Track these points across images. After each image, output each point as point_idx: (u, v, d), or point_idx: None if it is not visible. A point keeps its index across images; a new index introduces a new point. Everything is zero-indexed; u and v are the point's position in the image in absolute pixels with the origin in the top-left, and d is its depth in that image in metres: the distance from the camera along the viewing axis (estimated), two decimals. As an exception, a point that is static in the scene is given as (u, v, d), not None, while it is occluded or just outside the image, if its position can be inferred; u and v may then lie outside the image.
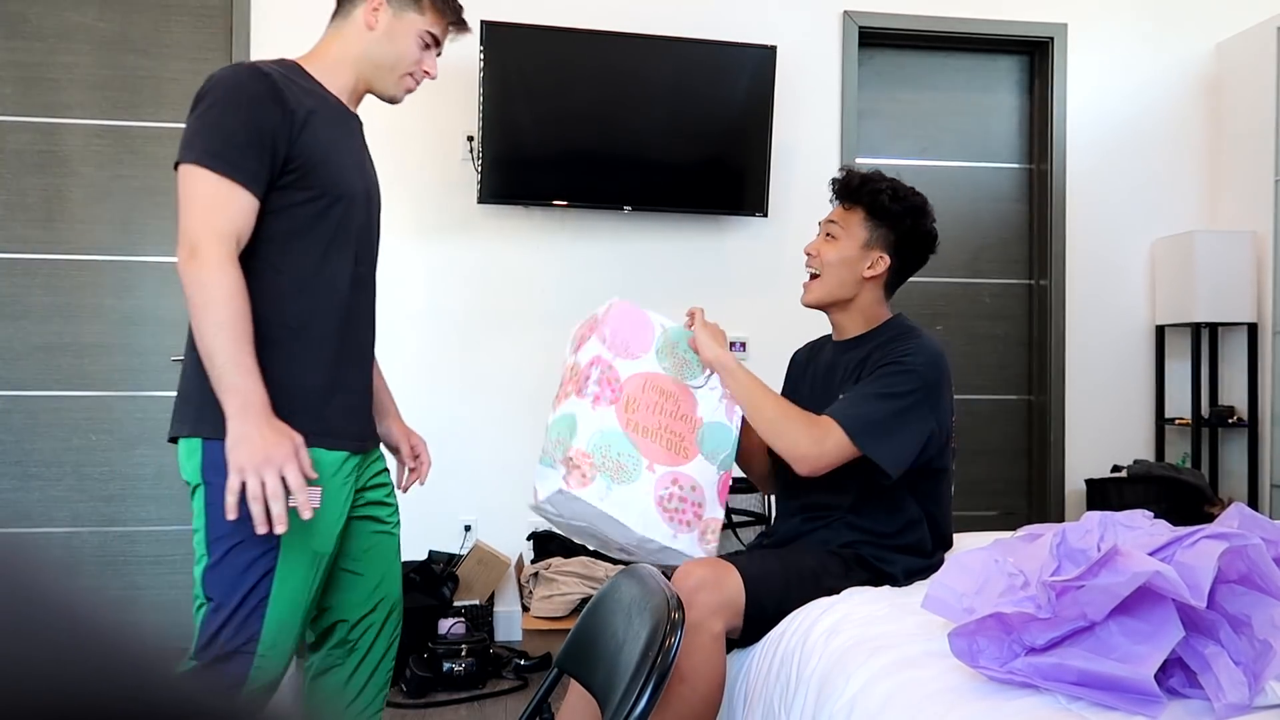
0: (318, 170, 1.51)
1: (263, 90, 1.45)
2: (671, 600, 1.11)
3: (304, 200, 1.50)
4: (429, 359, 3.49)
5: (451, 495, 3.47)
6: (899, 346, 1.83)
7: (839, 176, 1.99)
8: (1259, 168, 3.75)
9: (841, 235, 1.92)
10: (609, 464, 1.71)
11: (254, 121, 1.43)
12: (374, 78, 1.65)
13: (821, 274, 1.93)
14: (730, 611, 1.68)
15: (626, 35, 3.43)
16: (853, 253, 1.91)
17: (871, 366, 1.84)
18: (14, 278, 3.34)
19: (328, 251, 1.54)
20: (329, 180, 1.53)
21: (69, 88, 3.37)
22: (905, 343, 1.84)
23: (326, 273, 1.54)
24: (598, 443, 1.72)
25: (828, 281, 1.93)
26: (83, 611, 0.24)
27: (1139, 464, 3.76)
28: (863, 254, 1.91)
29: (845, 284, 1.92)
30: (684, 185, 3.53)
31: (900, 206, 1.92)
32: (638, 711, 1.00)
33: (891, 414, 1.76)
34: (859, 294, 1.93)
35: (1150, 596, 1.20)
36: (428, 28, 1.64)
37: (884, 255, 1.92)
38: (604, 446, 1.72)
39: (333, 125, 1.57)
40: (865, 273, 1.92)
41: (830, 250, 1.92)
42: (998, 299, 3.99)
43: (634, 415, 1.76)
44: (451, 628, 2.94)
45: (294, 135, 1.47)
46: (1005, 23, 3.84)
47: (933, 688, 1.32)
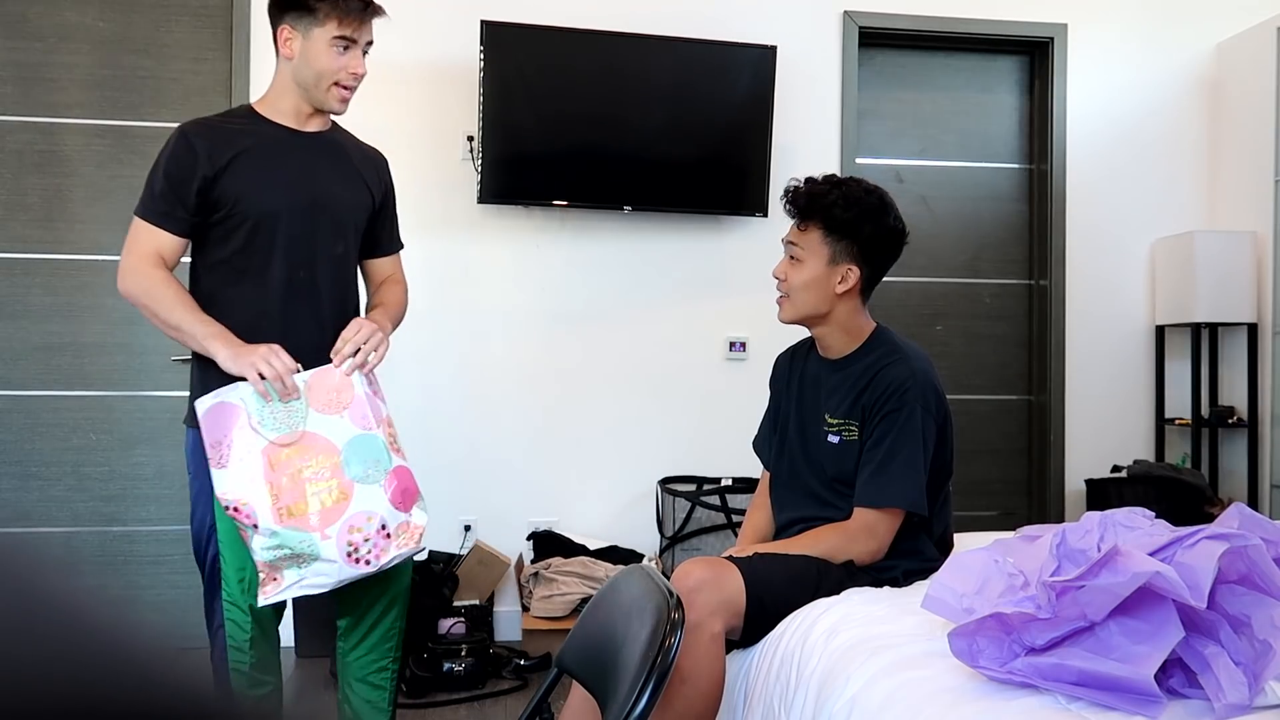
0: (240, 201, 1.77)
1: (180, 149, 1.77)
2: (671, 600, 1.11)
3: (230, 230, 1.79)
4: (429, 359, 3.49)
5: (451, 495, 3.47)
6: (886, 377, 1.82)
7: (786, 193, 1.93)
8: (1259, 168, 3.75)
9: (804, 256, 1.87)
10: (288, 559, 1.68)
11: (170, 174, 1.76)
12: (309, 98, 1.83)
13: (790, 296, 1.89)
14: (730, 612, 1.68)
15: (626, 35, 3.43)
16: (819, 272, 1.86)
17: (868, 410, 1.84)
18: (14, 278, 3.33)
19: (248, 270, 1.80)
20: (251, 207, 1.78)
21: (69, 88, 3.37)
22: (894, 370, 1.82)
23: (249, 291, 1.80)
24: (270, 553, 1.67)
25: (798, 303, 1.89)
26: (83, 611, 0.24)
27: (1139, 464, 3.76)
28: (830, 271, 1.86)
29: (816, 303, 1.88)
30: (684, 185, 3.52)
31: (855, 213, 1.85)
32: (638, 711, 1.00)
33: (907, 463, 1.78)
34: (834, 309, 1.89)
35: (1150, 597, 1.20)
36: (334, 33, 1.76)
37: (852, 267, 1.87)
38: (275, 549, 1.67)
39: (269, 155, 1.81)
40: (837, 289, 1.87)
41: (796, 273, 1.88)
42: (998, 299, 3.99)
43: (281, 505, 1.67)
44: (451, 628, 2.94)
45: (212, 177, 1.76)
46: (1005, 23, 3.84)
47: (933, 688, 1.32)
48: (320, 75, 1.79)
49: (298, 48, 1.78)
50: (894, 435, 1.79)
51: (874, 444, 1.82)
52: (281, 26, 1.80)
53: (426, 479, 3.46)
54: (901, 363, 1.83)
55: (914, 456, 1.79)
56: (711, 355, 3.64)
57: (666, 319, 3.62)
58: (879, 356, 1.86)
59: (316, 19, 1.75)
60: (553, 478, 3.55)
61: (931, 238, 3.90)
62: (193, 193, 1.75)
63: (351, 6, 1.77)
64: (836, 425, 1.89)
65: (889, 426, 1.80)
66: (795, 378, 2.04)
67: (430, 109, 3.45)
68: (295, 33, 1.78)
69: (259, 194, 1.79)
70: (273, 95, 1.85)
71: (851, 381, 1.88)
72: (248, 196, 1.78)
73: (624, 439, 3.58)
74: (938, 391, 1.85)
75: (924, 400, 1.81)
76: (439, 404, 3.48)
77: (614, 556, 3.33)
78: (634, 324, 3.60)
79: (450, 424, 3.49)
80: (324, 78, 1.79)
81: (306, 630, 3.19)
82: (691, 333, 3.63)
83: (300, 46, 1.78)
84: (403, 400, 3.50)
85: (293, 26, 1.78)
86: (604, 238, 3.59)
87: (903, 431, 1.79)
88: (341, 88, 1.82)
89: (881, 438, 1.80)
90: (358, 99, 1.87)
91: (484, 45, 3.27)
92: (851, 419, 1.86)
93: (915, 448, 1.79)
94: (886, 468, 1.79)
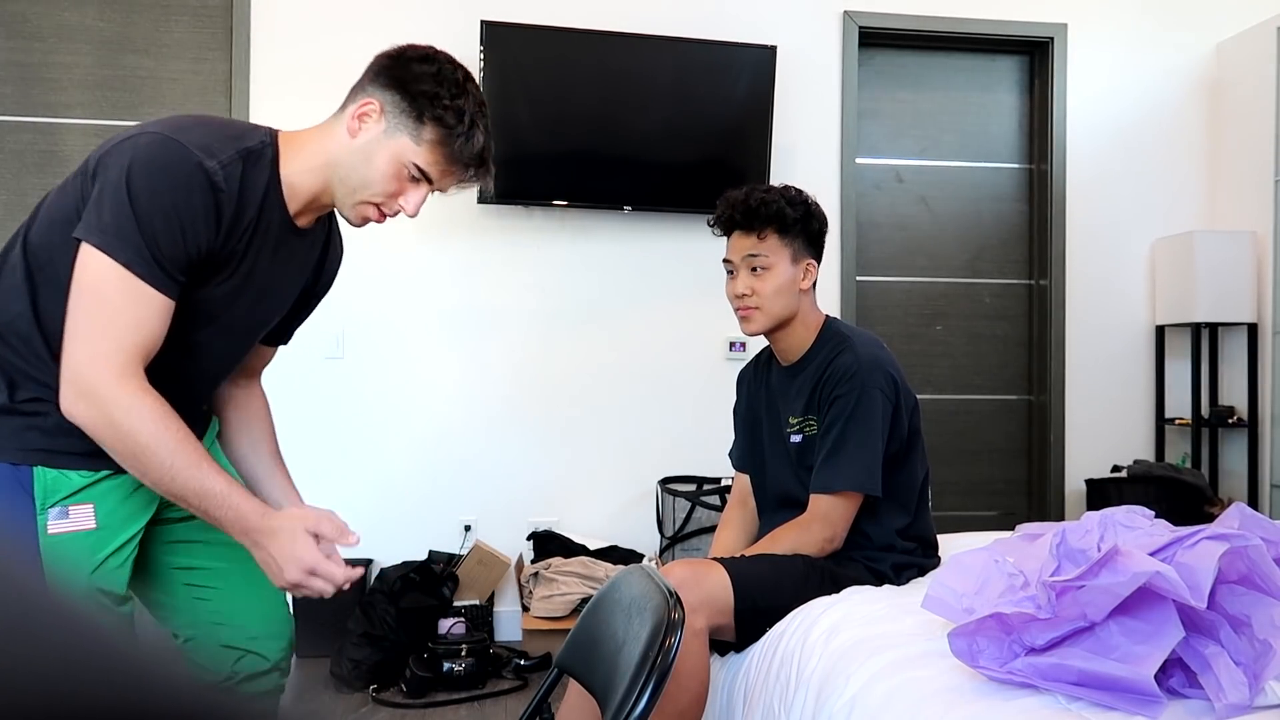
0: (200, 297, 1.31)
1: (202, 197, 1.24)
2: (671, 600, 1.11)
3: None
4: (429, 359, 3.49)
5: (451, 495, 3.47)
6: (837, 366, 1.86)
7: (729, 205, 1.95)
8: (1259, 168, 3.75)
9: (770, 263, 1.91)
10: None
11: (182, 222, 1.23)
12: (334, 194, 1.37)
13: (762, 307, 1.91)
14: (713, 609, 1.70)
15: (626, 35, 3.43)
16: (788, 274, 1.91)
17: (821, 401, 1.88)
18: (14, 278, 3.34)
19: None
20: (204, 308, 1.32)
21: (69, 88, 3.37)
22: (842, 358, 1.86)
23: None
24: None
25: (772, 311, 1.91)
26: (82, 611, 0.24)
27: (1139, 464, 3.76)
28: (795, 269, 1.92)
29: (788, 306, 1.92)
30: (684, 185, 3.52)
31: (802, 210, 1.93)
32: (638, 711, 1.00)
33: (859, 446, 1.81)
34: (800, 306, 1.94)
35: (1150, 597, 1.20)
36: (422, 157, 1.32)
37: (811, 261, 1.95)
38: None
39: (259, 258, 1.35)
40: (802, 286, 1.94)
41: (765, 283, 1.91)
42: (998, 299, 3.99)
43: None
44: (451, 628, 2.94)
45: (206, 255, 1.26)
46: (1005, 23, 3.84)
47: (933, 688, 1.32)
48: (368, 184, 1.33)
49: (370, 135, 1.32)
50: (844, 420, 1.83)
51: (825, 431, 1.85)
52: (368, 98, 1.33)
53: (427, 479, 3.48)
54: (849, 350, 1.87)
55: (866, 439, 1.81)
56: (711, 355, 3.64)
57: (666, 319, 3.62)
58: (830, 349, 1.91)
59: (416, 124, 1.31)
60: (553, 478, 3.55)
61: (931, 238, 3.90)
62: (190, 258, 1.24)
63: (465, 152, 1.33)
64: (797, 424, 1.93)
65: (839, 411, 1.83)
66: (761, 388, 2.08)
67: (430, 109, 3.45)
68: (381, 118, 1.32)
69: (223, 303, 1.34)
70: (300, 161, 1.35)
71: (808, 380, 1.92)
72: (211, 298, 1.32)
73: (624, 439, 3.58)
74: (887, 372, 1.87)
75: (875, 381, 1.84)
76: (439, 404, 3.48)
77: (614, 556, 3.33)
78: (634, 324, 3.60)
79: (450, 424, 3.49)
80: (369, 189, 1.34)
81: (306, 630, 3.18)
82: (691, 333, 3.63)
83: (373, 136, 1.32)
84: (403, 400, 3.51)
85: (383, 108, 1.32)
86: (604, 238, 3.59)
87: (853, 416, 1.82)
88: (378, 212, 1.37)
89: (831, 424, 1.84)
90: None
91: (484, 45, 3.27)
92: (810, 415, 1.91)
93: (866, 430, 1.82)
94: (838, 453, 1.82)
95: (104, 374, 1.17)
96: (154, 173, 1.20)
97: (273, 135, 1.35)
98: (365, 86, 1.35)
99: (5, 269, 1.28)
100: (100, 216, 1.18)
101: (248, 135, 1.31)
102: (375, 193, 1.34)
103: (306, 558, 1.26)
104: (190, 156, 1.21)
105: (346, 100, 1.37)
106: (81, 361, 1.17)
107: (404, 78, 1.32)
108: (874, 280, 3.86)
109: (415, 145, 1.32)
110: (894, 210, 3.87)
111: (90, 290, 1.18)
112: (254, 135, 1.32)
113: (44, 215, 1.27)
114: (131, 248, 1.18)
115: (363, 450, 3.43)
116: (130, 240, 1.18)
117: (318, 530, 1.29)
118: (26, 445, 1.22)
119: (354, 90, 1.37)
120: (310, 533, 1.28)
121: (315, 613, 3.18)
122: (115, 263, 1.18)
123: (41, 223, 1.27)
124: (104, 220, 1.18)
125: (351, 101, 1.36)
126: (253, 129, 1.34)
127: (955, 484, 3.92)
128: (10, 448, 1.22)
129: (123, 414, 1.17)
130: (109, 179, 1.20)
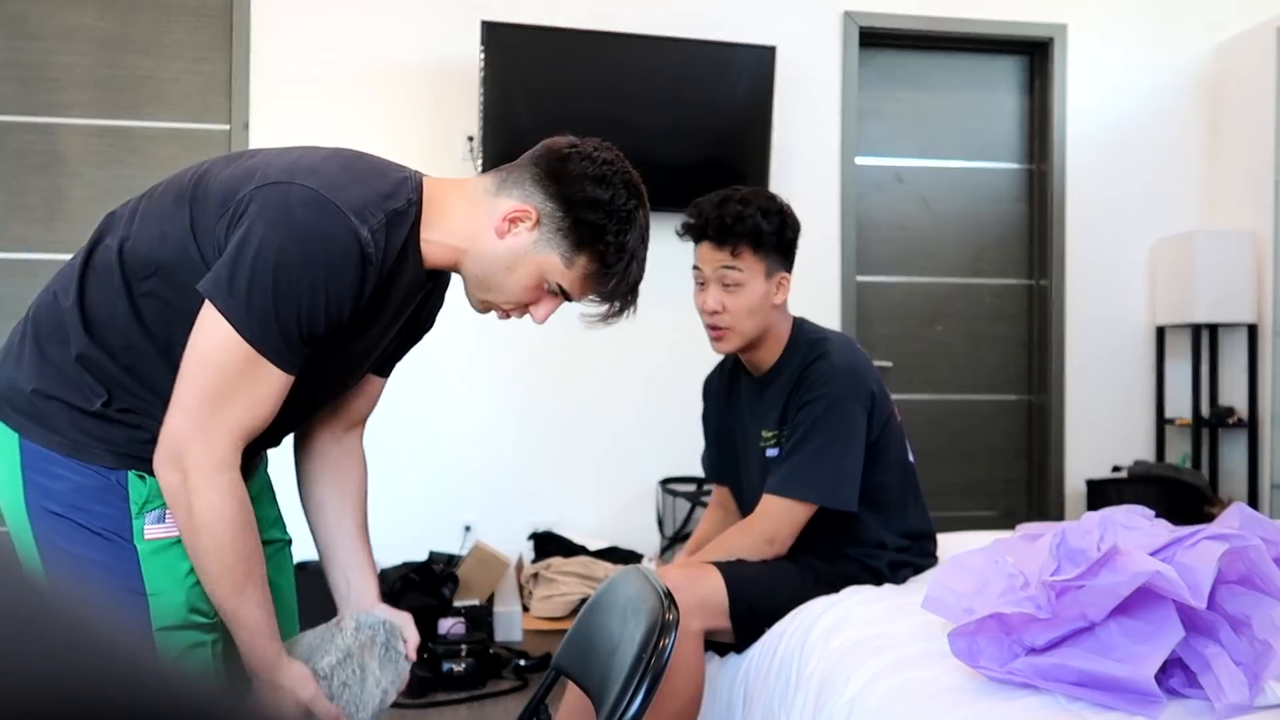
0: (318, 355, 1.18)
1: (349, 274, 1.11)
2: (666, 602, 1.12)
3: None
4: (428, 360, 3.49)
5: (451, 495, 3.47)
6: (811, 375, 1.80)
7: (702, 215, 1.83)
8: (1259, 168, 3.74)
9: (744, 279, 1.80)
10: None
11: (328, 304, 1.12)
12: (467, 281, 1.25)
13: (734, 327, 1.82)
14: (708, 611, 1.69)
15: (627, 35, 3.43)
16: (761, 290, 1.81)
17: (794, 406, 1.81)
18: (14, 278, 3.34)
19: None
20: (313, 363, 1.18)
21: (69, 88, 3.37)
22: (816, 366, 1.80)
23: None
24: None
25: (744, 330, 1.82)
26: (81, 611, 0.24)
27: (1139, 464, 3.76)
28: (768, 285, 1.82)
29: (761, 323, 1.84)
30: (684, 185, 3.51)
31: (777, 223, 1.82)
32: (632, 712, 1.00)
33: (823, 455, 1.75)
34: (771, 322, 1.86)
35: (1150, 597, 1.20)
36: (563, 283, 1.21)
37: (785, 274, 1.86)
38: None
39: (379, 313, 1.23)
40: (775, 301, 1.84)
41: (737, 300, 1.80)
42: (998, 299, 3.99)
43: None
44: (451, 628, 2.94)
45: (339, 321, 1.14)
46: (1005, 23, 3.84)
47: (933, 688, 1.32)
48: (503, 291, 1.22)
49: (519, 243, 1.19)
50: (809, 427, 1.77)
51: (790, 435, 1.80)
52: (526, 205, 1.19)
53: (427, 479, 3.48)
54: (824, 359, 1.81)
55: (833, 451, 1.76)
56: (712, 355, 3.62)
57: (666, 319, 3.62)
58: (802, 357, 1.84)
59: (573, 249, 1.19)
60: (553, 478, 3.55)
61: (931, 238, 3.89)
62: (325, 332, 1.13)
63: (617, 290, 1.25)
64: (771, 438, 1.87)
65: (807, 417, 1.78)
66: (727, 399, 2.04)
67: (431, 109, 3.45)
68: (535, 229, 1.19)
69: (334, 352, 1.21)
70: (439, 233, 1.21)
71: (780, 392, 1.86)
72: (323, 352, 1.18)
73: (624, 439, 3.58)
74: (864, 384, 1.82)
75: (852, 393, 1.79)
76: (439, 404, 3.48)
77: (614, 557, 3.32)
78: (634, 324, 3.58)
79: (450, 424, 3.49)
80: (503, 296, 1.23)
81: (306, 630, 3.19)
82: (692, 333, 3.60)
83: (522, 244, 1.19)
84: (403, 400, 3.50)
85: (539, 219, 1.19)
86: (604, 238, 3.58)
87: (822, 425, 1.76)
88: (501, 313, 1.27)
89: (797, 428, 1.79)
90: (358, 100, 1.82)
91: (484, 45, 3.27)
92: (783, 427, 1.85)
93: (837, 442, 1.76)
94: (799, 458, 1.77)
95: (202, 459, 1.09)
96: (308, 241, 1.07)
97: (418, 192, 1.20)
98: (525, 184, 1.21)
99: (92, 273, 1.20)
100: (234, 279, 1.06)
101: (396, 193, 1.17)
102: (508, 300, 1.24)
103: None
104: (349, 226, 1.09)
105: (503, 179, 1.23)
106: (184, 437, 1.09)
107: (571, 197, 1.19)
108: (874, 280, 3.86)
109: (565, 269, 1.20)
110: (894, 210, 3.87)
111: (207, 362, 1.08)
112: (400, 193, 1.17)
113: (151, 228, 1.17)
114: (260, 323, 1.07)
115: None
116: (261, 315, 1.06)
117: (312, 707, 1.22)
118: (119, 450, 1.18)
119: (515, 175, 1.23)
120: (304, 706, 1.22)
121: (316, 613, 3.18)
122: (241, 339, 1.07)
123: (149, 236, 1.16)
124: (237, 285, 1.06)
125: (508, 192, 1.21)
126: (399, 181, 1.19)
127: (955, 484, 3.91)
128: (105, 452, 1.18)
129: (200, 508, 1.11)
130: (253, 236, 1.07)
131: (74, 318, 1.17)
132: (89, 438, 1.17)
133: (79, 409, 1.16)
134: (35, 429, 1.16)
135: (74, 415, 1.16)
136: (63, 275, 1.24)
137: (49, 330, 1.20)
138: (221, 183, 1.14)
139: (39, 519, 1.15)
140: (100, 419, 1.17)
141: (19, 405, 1.18)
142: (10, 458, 1.17)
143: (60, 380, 1.17)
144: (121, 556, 1.16)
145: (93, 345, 1.17)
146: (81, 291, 1.18)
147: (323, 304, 1.10)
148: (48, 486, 1.16)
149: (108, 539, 1.16)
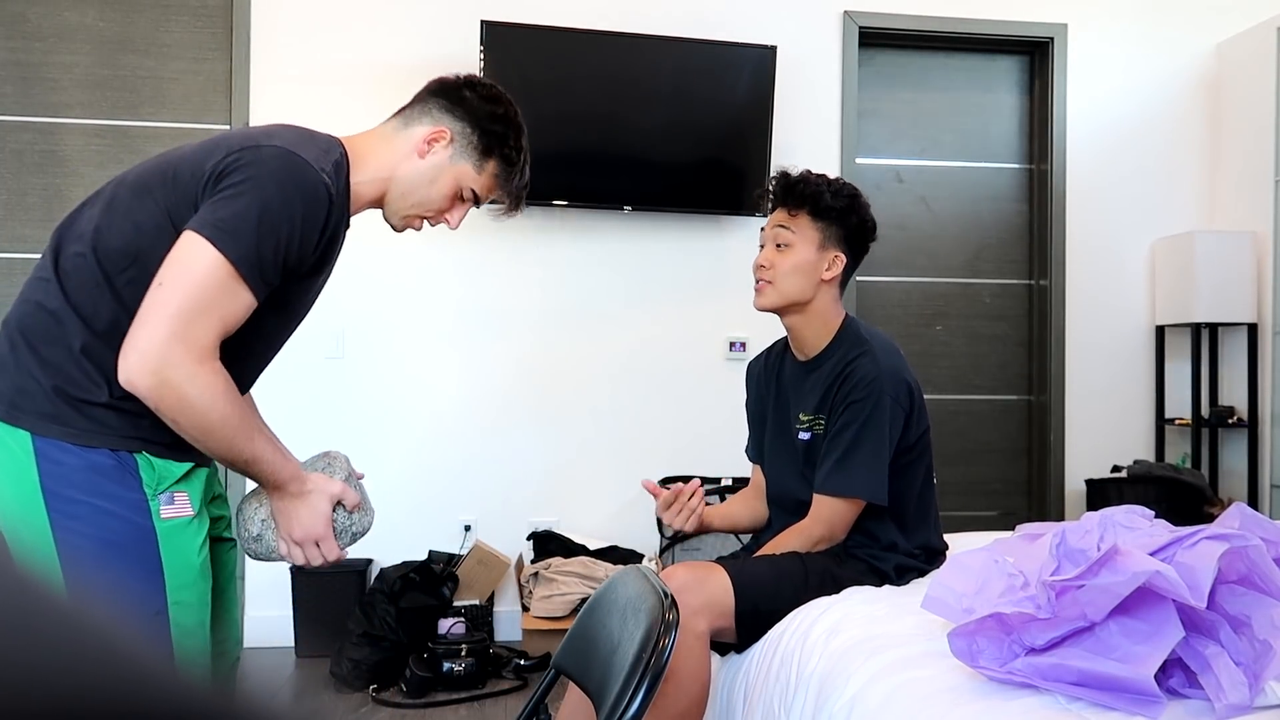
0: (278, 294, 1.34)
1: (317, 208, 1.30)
2: (666, 601, 1.11)
3: None
4: (429, 359, 3.49)
5: (451, 495, 3.47)
6: (855, 371, 1.84)
7: (776, 180, 1.95)
8: (1259, 168, 3.75)
9: (795, 240, 1.89)
10: None
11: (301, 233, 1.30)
12: (384, 201, 1.48)
13: (775, 282, 1.89)
14: (714, 612, 1.70)
15: (626, 35, 3.43)
16: (810, 257, 1.89)
17: (835, 403, 1.86)
18: (14, 278, 3.34)
19: None
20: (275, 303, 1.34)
21: (69, 88, 3.37)
22: (860, 363, 1.84)
23: None
24: None
25: (783, 287, 1.88)
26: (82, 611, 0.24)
27: (1139, 464, 3.76)
28: (820, 256, 1.89)
29: (803, 289, 1.89)
30: (684, 185, 3.52)
31: (843, 202, 1.90)
32: (631, 711, 1.00)
33: (872, 454, 1.80)
34: (816, 296, 1.91)
35: (1150, 596, 1.20)
36: (474, 187, 1.49)
37: (839, 254, 1.91)
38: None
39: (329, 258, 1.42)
40: (824, 275, 1.90)
41: (785, 259, 1.88)
42: (998, 299, 3.99)
43: None
44: (451, 628, 2.94)
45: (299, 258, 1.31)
46: (1005, 23, 3.84)
47: (933, 688, 1.32)
48: (426, 202, 1.48)
49: (437, 159, 1.45)
50: (858, 425, 1.81)
51: (838, 433, 1.83)
52: (441, 127, 1.45)
53: (427, 479, 3.48)
54: (869, 356, 1.85)
55: (878, 448, 1.81)
56: (711, 355, 3.64)
57: (666, 319, 3.62)
58: (848, 350, 1.89)
59: (482, 157, 1.47)
60: (553, 478, 3.55)
61: (931, 238, 3.89)
62: (292, 265, 1.31)
63: (517, 186, 1.52)
64: (807, 422, 1.91)
65: (853, 416, 1.81)
66: (772, 380, 2.06)
67: (430, 109, 3.45)
68: (449, 146, 1.45)
69: (295, 295, 1.40)
70: (366, 172, 1.43)
71: (823, 379, 1.90)
72: (287, 291, 1.36)
73: (624, 439, 3.58)
74: (906, 382, 1.87)
75: (892, 392, 1.83)
76: (439, 403, 3.48)
77: (614, 556, 3.33)
78: (634, 324, 3.60)
79: (450, 424, 3.49)
80: (426, 206, 1.48)
81: (306, 630, 3.19)
82: (691, 333, 3.63)
83: (440, 160, 1.45)
84: (403, 400, 3.51)
85: (452, 137, 1.45)
86: (604, 238, 3.59)
87: (868, 422, 1.80)
88: (422, 223, 1.52)
89: (844, 428, 1.82)
90: (358, 99, 1.84)
91: (484, 45, 3.27)
92: (820, 413, 1.89)
93: (879, 440, 1.81)
94: (850, 457, 1.81)
95: (183, 357, 1.19)
96: (285, 185, 1.26)
97: (343, 147, 1.41)
98: (433, 112, 1.46)
99: (66, 278, 1.28)
100: (216, 213, 1.22)
101: (331, 147, 1.37)
102: (430, 209, 1.49)
103: (318, 529, 1.38)
104: (313, 172, 1.28)
105: (407, 116, 1.47)
106: (162, 339, 1.18)
107: (477, 114, 1.47)
108: (874, 280, 3.86)
109: (476, 174, 1.48)
110: (894, 210, 3.87)
111: (188, 274, 1.20)
112: (334, 148, 1.38)
113: (122, 223, 1.27)
114: (243, 248, 1.22)
115: (363, 450, 3.43)
116: (244, 241, 1.22)
117: (342, 498, 1.40)
118: (126, 434, 1.26)
119: (416, 110, 1.47)
120: (335, 499, 1.39)
121: (315, 613, 3.18)
122: (223, 257, 1.21)
123: (121, 231, 1.27)
124: (220, 217, 1.22)
125: (417, 122, 1.46)
126: (328, 140, 1.39)
127: (955, 484, 3.91)
128: (113, 435, 1.26)
129: (197, 394, 1.20)
130: (237, 184, 1.24)
131: (69, 315, 1.26)
132: (98, 425, 1.25)
133: (86, 401, 1.25)
134: (48, 425, 1.24)
135: (82, 407, 1.25)
136: (34, 288, 1.32)
137: (40, 335, 1.27)
138: (188, 163, 1.29)
139: (56, 504, 1.22)
140: (107, 408, 1.25)
141: (26, 407, 1.25)
142: (24, 453, 1.23)
143: (65, 377, 1.25)
144: (140, 537, 1.25)
145: (93, 337, 1.26)
146: (65, 294, 1.27)
147: (298, 237, 1.28)
148: (63, 474, 1.23)
149: (125, 520, 1.24)
